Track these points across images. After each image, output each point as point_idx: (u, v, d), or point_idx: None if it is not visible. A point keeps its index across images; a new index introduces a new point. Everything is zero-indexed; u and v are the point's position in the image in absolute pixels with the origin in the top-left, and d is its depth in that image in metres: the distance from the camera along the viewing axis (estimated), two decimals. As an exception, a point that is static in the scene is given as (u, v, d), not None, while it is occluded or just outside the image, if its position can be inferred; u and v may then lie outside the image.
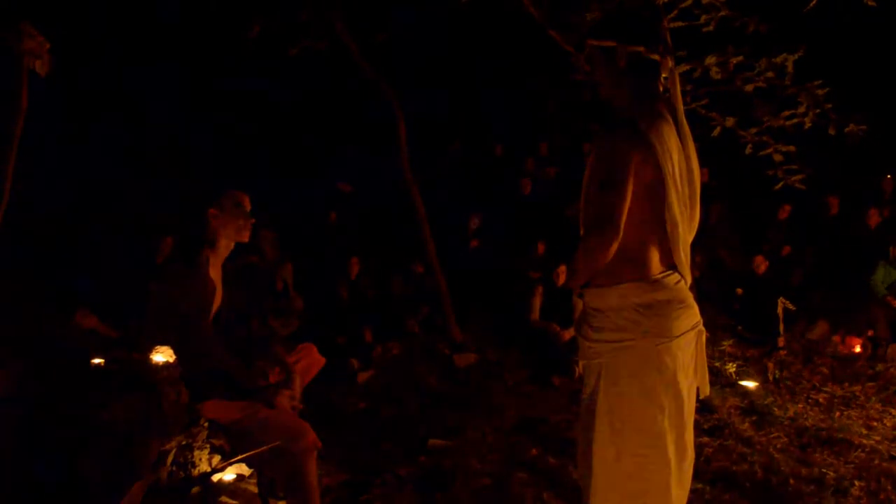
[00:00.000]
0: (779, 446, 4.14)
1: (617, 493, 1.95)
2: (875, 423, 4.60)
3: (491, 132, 10.25)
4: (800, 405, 4.97)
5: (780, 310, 6.48)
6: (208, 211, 2.73)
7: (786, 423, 4.55)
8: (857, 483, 3.60)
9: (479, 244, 8.15)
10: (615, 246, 1.83)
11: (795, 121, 4.78)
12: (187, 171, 7.79)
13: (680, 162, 1.93)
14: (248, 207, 2.82)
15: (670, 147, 1.89)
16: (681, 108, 1.99)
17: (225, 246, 2.82)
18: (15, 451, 2.26)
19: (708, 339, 2.07)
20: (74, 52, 3.94)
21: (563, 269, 6.23)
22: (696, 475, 2.34)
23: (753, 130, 4.90)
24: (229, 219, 2.77)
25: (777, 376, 5.57)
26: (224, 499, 2.59)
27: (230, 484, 2.61)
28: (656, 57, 1.96)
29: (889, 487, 3.58)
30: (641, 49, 1.94)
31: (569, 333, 5.84)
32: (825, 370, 5.83)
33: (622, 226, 1.83)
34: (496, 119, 10.72)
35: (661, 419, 1.91)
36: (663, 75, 1.99)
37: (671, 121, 1.95)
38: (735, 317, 7.02)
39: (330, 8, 5.78)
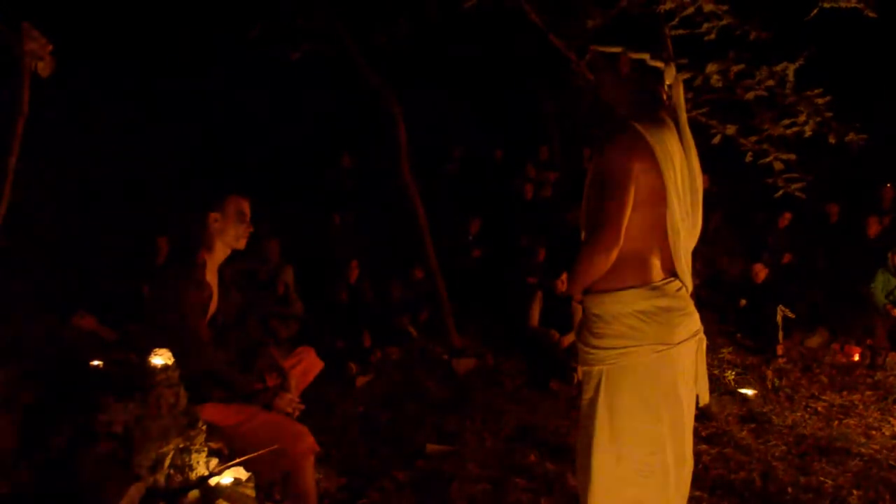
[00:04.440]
0: (777, 454, 4.14)
1: (615, 499, 1.95)
2: (874, 432, 4.60)
3: (491, 137, 10.26)
4: (798, 413, 4.97)
5: (779, 318, 6.48)
6: (209, 215, 2.73)
7: (784, 431, 4.55)
8: (855, 492, 3.60)
9: (479, 250, 8.15)
10: (616, 252, 1.83)
11: (796, 129, 4.79)
12: (186, 172, 7.79)
13: (682, 169, 1.93)
14: (249, 214, 2.82)
15: (672, 154, 1.89)
16: (684, 115, 1.99)
17: (222, 251, 2.81)
18: (13, 452, 2.26)
19: (707, 347, 2.07)
20: (74, 53, 3.95)
21: (564, 276, 6.23)
22: (695, 483, 2.34)
23: (754, 138, 4.91)
24: (229, 225, 2.76)
25: (776, 384, 5.57)
26: (221, 502, 2.58)
27: (228, 487, 2.59)
28: (660, 64, 1.96)
29: (888, 496, 3.57)
30: (646, 56, 1.95)
31: (568, 339, 5.84)
32: (824, 378, 5.83)
33: (623, 232, 1.83)
34: (496, 123, 10.73)
35: (660, 426, 1.91)
36: (667, 83, 1.99)
37: (673, 128, 1.95)
38: (734, 324, 7.02)
39: (331, 12, 5.79)
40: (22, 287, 5.18)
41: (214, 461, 2.63)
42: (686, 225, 1.96)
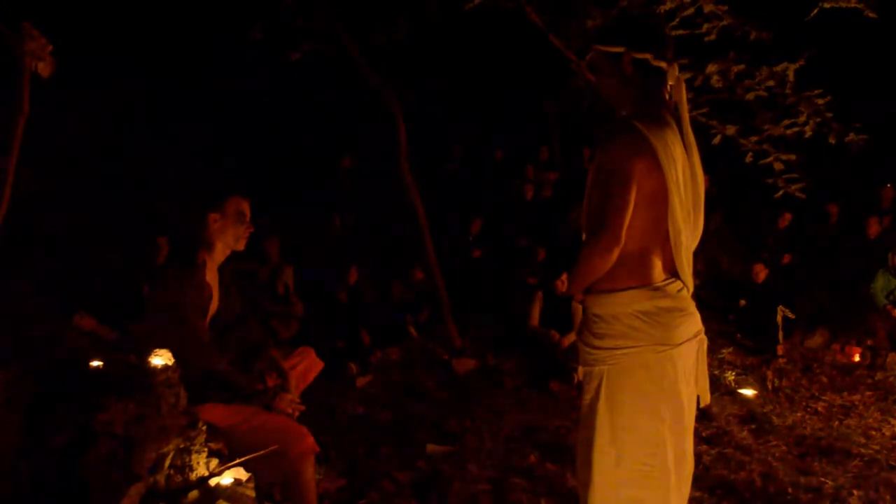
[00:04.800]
0: (777, 455, 4.14)
1: (615, 500, 1.95)
2: (874, 433, 4.60)
3: (491, 137, 10.26)
4: (798, 414, 4.97)
5: (779, 318, 6.48)
6: (209, 215, 2.73)
7: (784, 431, 4.54)
8: (855, 492, 3.59)
9: (479, 250, 8.15)
10: (616, 252, 1.83)
11: (796, 129, 4.80)
12: (186, 172, 7.79)
13: (684, 169, 1.92)
14: (249, 215, 2.82)
15: (674, 154, 1.88)
16: (686, 116, 1.98)
17: (222, 251, 2.81)
18: (13, 453, 2.26)
19: (707, 347, 2.07)
20: (74, 53, 3.95)
21: (564, 276, 6.23)
22: (695, 483, 2.34)
23: (754, 139, 4.92)
24: (229, 226, 2.76)
25: (776, 385, 5.57)
26: (221, 502, 2.58)
27: (228, 488, 2.60)
28: (663, 64, 1.95)
29: (888, 497, 3.57)
30: (649, 56, 1.94)
31: (568, 340, 5.84)
32: (824, 379, 5.83)
33: (624, 232, 1.83)
34: (496, 123, 10.73)
35: (661, 427, 1.90)
36: (669, 83, 1.98)
37: (676, 128, 1.94)
38: (734, 324, 7.02)
39: (331, 12, 5.79)
40: (22, 287, 5.18)
41: (214, 461, 2.63)
42: (687, 225, 1.95)
